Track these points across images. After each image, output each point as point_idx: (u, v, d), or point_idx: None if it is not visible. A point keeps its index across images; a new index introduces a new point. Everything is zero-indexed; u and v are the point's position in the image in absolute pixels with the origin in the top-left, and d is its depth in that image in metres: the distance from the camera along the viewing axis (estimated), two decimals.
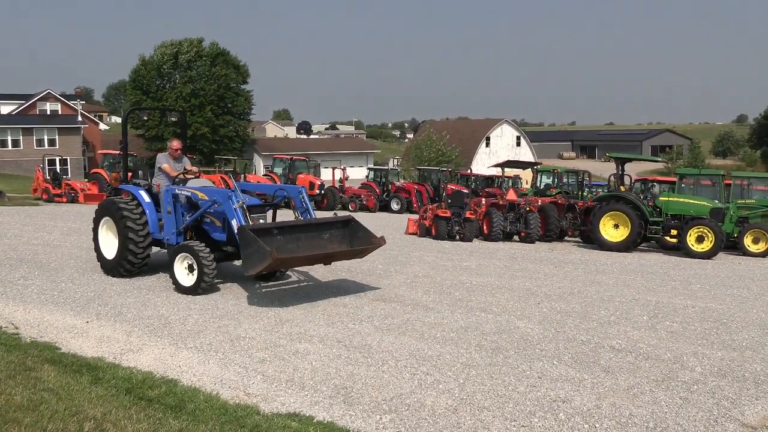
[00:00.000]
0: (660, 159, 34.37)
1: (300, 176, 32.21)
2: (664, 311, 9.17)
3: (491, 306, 9.10)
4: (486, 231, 18.93)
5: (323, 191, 30.83)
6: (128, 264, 10.08)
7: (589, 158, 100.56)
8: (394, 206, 32.01)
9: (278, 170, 33.64)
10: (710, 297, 10.55)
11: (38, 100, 61.10)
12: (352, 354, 6.66)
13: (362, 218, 10.06)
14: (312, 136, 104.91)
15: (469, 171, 40.75)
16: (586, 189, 27.67)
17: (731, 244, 17.69)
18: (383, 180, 34.10)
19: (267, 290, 9.75)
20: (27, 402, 4.84)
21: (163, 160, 10.45)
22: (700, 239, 16.52)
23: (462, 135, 69.91)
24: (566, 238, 20.68)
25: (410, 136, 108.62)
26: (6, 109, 60.94)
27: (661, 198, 18.65)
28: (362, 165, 65.77)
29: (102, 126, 77.11)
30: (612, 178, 19.62)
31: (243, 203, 9.07)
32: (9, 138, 53.74)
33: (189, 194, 9.79)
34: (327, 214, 13.30)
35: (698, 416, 5.29)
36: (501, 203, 19.65)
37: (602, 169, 63.00)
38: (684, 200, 17.71)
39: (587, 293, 10.41)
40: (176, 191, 9.88)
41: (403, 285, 10.44)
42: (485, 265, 13.25)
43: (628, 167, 19.77)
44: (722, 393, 5.84)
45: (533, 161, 44.63)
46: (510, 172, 33.52)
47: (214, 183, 19.30)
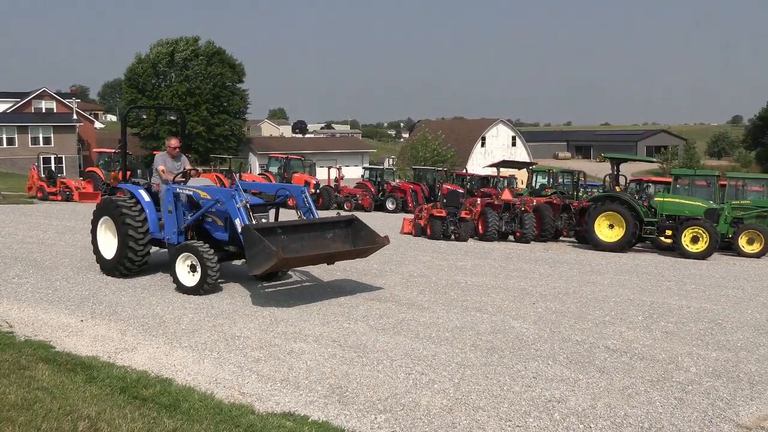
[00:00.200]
0: (655, 159, 34.36)
1: (295, 175, 32.20)
2: (659, 311, 9.19)
3: (486, 306, 9.11)
4: (481, 231, 18.94)
5: (318, 191, 30.81)
6: (128, 263, 9.99)
7: (585, 158, 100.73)
8: (390, 206, 32.00)
9: (273, 169, 33.61)
10: (705, 297, 10.58)
11: (33, 98, 60.89)
12: (347, 353, 6.65)
13: (359, 218, 10.00)
14: (307, 136, 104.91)
15: (465, 171, 40.63)
16: (582, 189, 27.75)
17: (726, 245, 17.73)
18: (379, 179, 34.09)
19: (262, 290, 9.74)
20: (21, 401, 4.82)
21: (160, 161, 10.33)
22: (695, 240, 16.56)
23: (457, 135, 69.95)
24: (561, 238, 20.71)
25: (406, 136, 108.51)
26: (1, 107, 60.67)
27: (656, 198, 18.69)
28: (358, 164, 65.75)
29: (97, 124, 77.00)
30: (607, 179, 19.64)
31: (246, 202, 8.98)
32: (4, 136, 53.58)
33: (190, 193, 9.72)
34: (329, 214, 13.15)
35: (693, 416, 5.30)
36: (496, 203, 19.65)
37: (597, 170, 63.11)
38: (679, 201, 17.76)
39: (582, 293, 10.42)
40: (177, 190, 9.80)
41: (399, 284, 10.43)
42: (480, 265, 13.26)
43: (624, 168, 19.81)
44: (717, 393, 5.85)
45: (529, 161, 44.74)
46: (505, 172, 33.55)
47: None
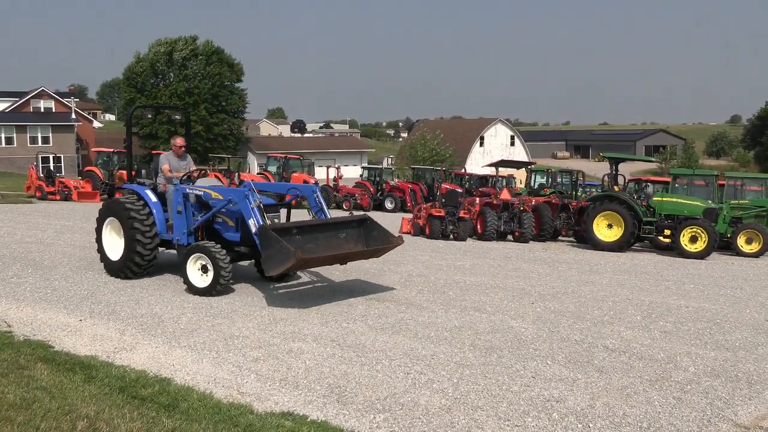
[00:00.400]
0: (654, 159, 34.46)
1: (294, 175, 32.18)
2: (658, 311, 9.19)
3: (485, 305, 9.11)
4: (480, 230, 18.95)
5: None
6: (135, 266, 9.85)
7: (583, 158, 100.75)
8: (388, 205, 32.03)
9: (272, 169, 33.61)
10: (703, 297, 10.59)
11: (32, 98, 60.85)
12: (346, 353, 6.65)
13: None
14: (306, 135, 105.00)
15: (463, 170, 40.72)
16: (580, 189, 27.75)
17: (724, 245, 17.74)
18: (377, 179, 34.10)
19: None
20: (20, 400, 4.82)
21: (165, 161, 10.20)
22: (694, 239, 16.57)
23: (456, 134, 69.93)
24: (560, 238, 20.73)
25: (404, 135, 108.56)
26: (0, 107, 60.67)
27: (655, 198, 18.71)
28: (356, 164, 65.82)
29: (96, 124, 76.93)
30: (606, 178, 19.66)
31: (260, 202, 8.87)
32: (2, 135, 53.58)
33: (200, 193, 9.55)
34: (341, 214, 13.01)
35: (691, 416, 5.31)
36: (495, 203, 19.67)
37: (596, 169, 63.19)
38: (677, 200, 17.77)
39: (581, 293, 10.43)
40: (187, 190, 9.62)
41: (397, 284, 10.43)
42: (479, 265, 13.26)
43: (622, 167, 19.84)
44: (715, 393, 5.85)
45: (527, 161, 44.76)
46: (504, 172, 33.57)
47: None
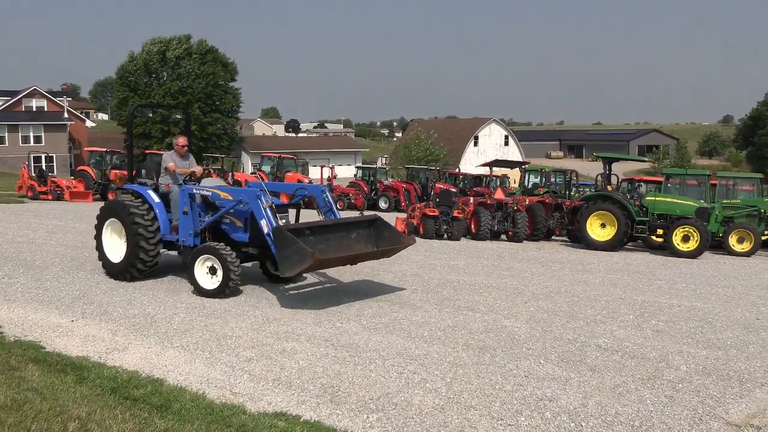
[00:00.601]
0: (647, 159, 34.64)
1: (288, 174, 32.15)
2: (650, 310, 9.22)
3: (478, 305, 9.12)
4: (474, 230, 18.98)
5: None
6: (138, 268, 9.65)
7: (577, 158, 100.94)
8: (382, 205, 32.04)
9: (266, 168, 33.57)
10: (695, 296, 10.63)
11: (24, 97, 60.54)
12: (340, 353, 6.64)
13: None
14: (300, 135, 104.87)
15: (458, 170, 40.82)
16: (574, 188, 27.83)
17: (716, 244, 17.84)
18: (371, 179, 34.12)
19: (255, 289, 9.71)
20: (10, 402, 4.79)
21: (169, 160, 10.08)
22: (686, 239, 16.64)
23: (450, 134, 70.03)
24: (553, 238, 20.76)
25: (399, 135, 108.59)
26: None
27: (648, 198, 18.78)
28: (350, 163, 65.79)
29: (88, 123, 76.44)
30: (599, 178, 19.72)
31: (272, 203, 8.76)
32: None
33: (207, 194, 9.39)
34: (351, 214, 12.96)
35: (683, 414, 5.32)
36: (489, 202, 19.69)
37: (590, 169, 63.23)
38: (670, 200, 17.84)
39: (574, 292, 10.45)
40: (193, 191, 9.46)
41: (391, 283, 10.43)
42: (473, 264, 13.28)
43: (615, 167, 19.88)
44: (707, 391, 5.88)
45: (521, 161, 44.87)
46: (498, 172, 33.67)
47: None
